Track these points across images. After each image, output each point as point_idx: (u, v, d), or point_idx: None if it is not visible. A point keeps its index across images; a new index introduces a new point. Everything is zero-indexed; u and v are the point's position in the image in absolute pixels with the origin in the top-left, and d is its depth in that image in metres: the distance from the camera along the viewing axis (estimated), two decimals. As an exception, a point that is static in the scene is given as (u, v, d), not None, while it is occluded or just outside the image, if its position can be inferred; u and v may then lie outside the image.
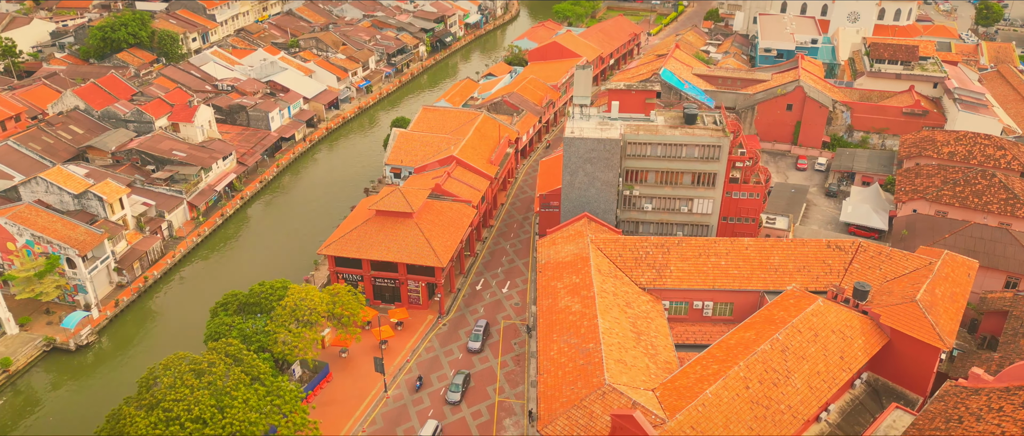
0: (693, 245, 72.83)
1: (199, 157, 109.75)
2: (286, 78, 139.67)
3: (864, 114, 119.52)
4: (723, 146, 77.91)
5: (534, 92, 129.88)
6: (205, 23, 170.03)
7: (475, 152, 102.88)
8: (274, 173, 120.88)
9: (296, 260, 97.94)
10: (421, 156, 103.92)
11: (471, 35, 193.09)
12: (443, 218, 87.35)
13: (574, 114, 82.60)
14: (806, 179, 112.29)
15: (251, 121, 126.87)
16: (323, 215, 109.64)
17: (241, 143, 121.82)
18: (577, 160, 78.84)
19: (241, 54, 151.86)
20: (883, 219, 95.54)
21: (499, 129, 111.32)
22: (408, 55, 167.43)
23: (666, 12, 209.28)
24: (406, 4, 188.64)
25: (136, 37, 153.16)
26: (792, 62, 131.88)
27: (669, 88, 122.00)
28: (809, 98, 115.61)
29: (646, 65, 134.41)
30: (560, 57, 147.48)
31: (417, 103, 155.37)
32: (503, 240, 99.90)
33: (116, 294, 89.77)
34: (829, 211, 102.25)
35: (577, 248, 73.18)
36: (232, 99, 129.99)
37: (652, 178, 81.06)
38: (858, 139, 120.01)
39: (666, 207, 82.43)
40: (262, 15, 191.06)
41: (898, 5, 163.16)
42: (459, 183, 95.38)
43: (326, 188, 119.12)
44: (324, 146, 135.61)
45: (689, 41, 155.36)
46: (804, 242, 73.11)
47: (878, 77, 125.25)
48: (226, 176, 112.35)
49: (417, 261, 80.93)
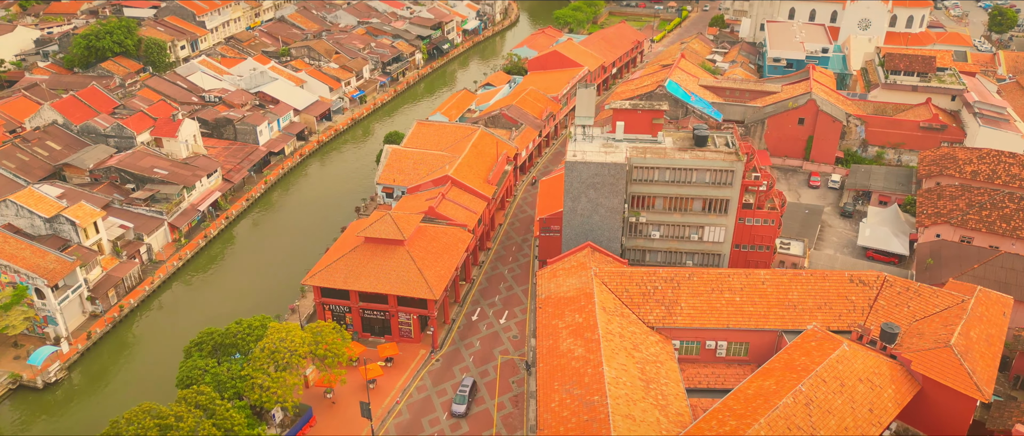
0: (705, 279, 67.51)
1: (182, 175, 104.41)
2: (276, 89, 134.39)
3: (879, 128, 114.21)
4: (736, 171, 72.58)
5: (534, 104, 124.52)
6: (195, 30, 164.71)
7: (471, 171, 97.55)
8: (262, 190, 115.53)
9: (283, 284, 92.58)
10: (414, 175, 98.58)
11: (469, 42, 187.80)
12: (437, 244, 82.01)
13: (576, 135, 77.25)
14: (820, 197, 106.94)
15: (238, 135, 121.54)
16: (312, 236, 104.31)
17: (227, 158, 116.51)
18: (579, 185, 73.51)
19: (230, 63, 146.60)
20: (903, 243, 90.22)
21: (497, 145, 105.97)
22: (404, 63, 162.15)
23: (669, 17, 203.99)
24: (402, 10, 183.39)
25: (121, 46, 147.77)
26: (803, 73, 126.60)
27: (675, 101, 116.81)
28: (822, 112, 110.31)
29: (650, 76, 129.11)
30: (561, 66, 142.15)
31: (413, 113, 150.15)
32: (501, 265, 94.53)
33: (89, 325, 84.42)
34: (845, 234, 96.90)
35: (580, 282, 67.86)
36: (219, 111, 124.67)
37: (660, 204, 75.75)
38: (873, 154, 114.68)
39: (675, 235, 77.10)
40: (254, 21, 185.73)
41: (910, 12, 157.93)
42: (454, 205, 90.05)
43: (316, 206, 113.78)
44: (315, 160, 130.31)
45: (694, 49, 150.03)
46: (825, 276, 67.77)
47: (893, 89, 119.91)
48: (210, 195, 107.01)
49: (408, 293, 75.59)
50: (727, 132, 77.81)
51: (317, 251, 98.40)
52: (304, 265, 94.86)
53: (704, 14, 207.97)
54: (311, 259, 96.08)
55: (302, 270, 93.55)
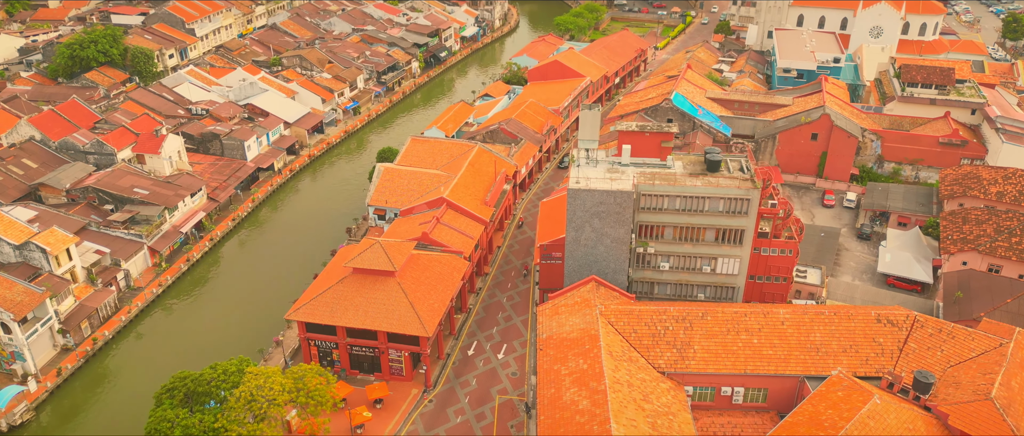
0: (720, 319, 62.24)
1: (163, 195, 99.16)
2: (266, 101, 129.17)
3: (896, 144, 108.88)
4: (752, 199, 67.32)
5: (534, 118, 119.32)
6: (184, 38, 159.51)
7: (468, 192, 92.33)
8: (249, 209, 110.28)
9: (269, 311, 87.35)
10: (408, 196, 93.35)
11: (467, 49, 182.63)
12: (430, 274, 76.76)
13: (579, 159, 71.98)
14: (835, 217, 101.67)
15: (225, 150, 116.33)
16: (302, 258, 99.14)
17: (214, 175, 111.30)
18: (583, 214, 68.25)
19: (219, 73, 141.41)
20: (927, 270, 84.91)
21: (495, 163, 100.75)
22: (400, 72, 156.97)
23: (673, 23, 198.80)
24: (398, 17, 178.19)
25: (106, 55, 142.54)
26: (815, 85, 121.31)
27: (682, 114, 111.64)
28: (836, 127, 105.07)
29: (655, 87, 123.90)
30: (562, 77, 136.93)
31: (409, 124, 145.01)
32: (499, 292, 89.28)
33: (60, 360, 79.20)
34: (863, 258, 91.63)
35: (584, 322, 62.58)
36: (206, 125, 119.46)
37: (669, 234, 70.47)
38: (889, 171, 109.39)
39: (685, 266, 71.82)
40: (246, 28, 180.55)
41: (923, 19, 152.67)
42: (449, 230, 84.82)
43: (306, 225, 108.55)
44: (307, 175, 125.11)
45: (700, 59, 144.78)
46: (850, 314, 62.48)
47: (910, 102, 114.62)
48: (194, 215, 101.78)
49: (399, 330, 70.34)
50: (742, 156, 72.55)
51: (306, 275, 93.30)
52: (292, 290, 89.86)
53: (709, 19, 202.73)
54: (299, 284, 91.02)
55: (290, 295, 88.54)
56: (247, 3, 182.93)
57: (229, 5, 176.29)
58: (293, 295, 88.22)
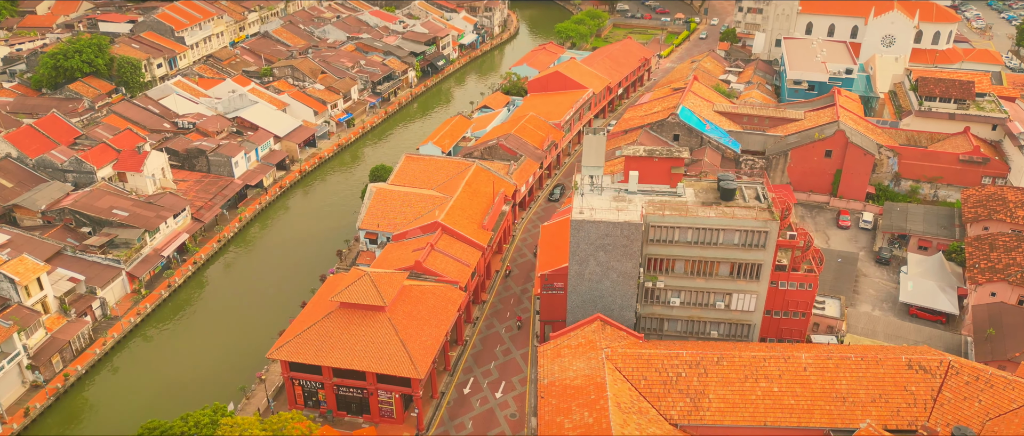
0: (737, 364, 57.23)
1: (144, 217, 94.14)
2: (256, 113, 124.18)
3: (913, 161, 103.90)
4: (771, 231, 62.32)
5: (534, 132, 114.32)
6: (173, 47, 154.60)
7: (464, 215, 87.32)
8: (236, 229, 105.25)
9: (255, 341, 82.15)
10: (401, 219, 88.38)
11: (466, 57, 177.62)
12: (424, 307, 71.72)
13: (583, 187, 66.96)
14: (851, 240, 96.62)
15: (212, 167, 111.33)
16: (290, 282, 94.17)
17: (199, 193, 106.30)
18: (587, 247, 63.26)
19: (208, 84, 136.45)
20: (952, 300, 79.85)
21: (493, 183, 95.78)
22: (395, 82, 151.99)
23: (677, 30, 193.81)
24: (395, 24, 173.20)
25: (91, 65, 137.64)
26: (827, 98, 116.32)
27: (689, 130, 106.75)
28: (851, 144, 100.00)
29: (660, 100, 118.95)
30: (563, 88, 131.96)
31: (405, 136, 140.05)
32: (497, 322, 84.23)
33: (28, 399, 74.11)
34: (884, 286, 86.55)
35: (589, 367, 57.56)
36: (192, 140, 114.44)
37: (681, 267, 65.47)
38: (906, 189, 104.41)
39: (698, 301, 66.80)
40: (238, 36, 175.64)
41: (937, 27, 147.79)
42: (444, 257, 79.79)
43: (296, 247, 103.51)
44: (297, 191, 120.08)
45: (706, 69, 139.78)
46: (877, 358, 57.47)
47: (928, 117, 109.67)
48: (177, 237, 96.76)
49: (389, 371, 65.34)
50: (758, 183, 67.57)
51: (294, 301, 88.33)
52: (279, 318, 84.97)
53: (713, 27, 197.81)
54: (287, 311, 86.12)
55: (276, 324, 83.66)
56: (239, 10, 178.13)
57: (220, 12, 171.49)
58: (280, 324, 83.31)
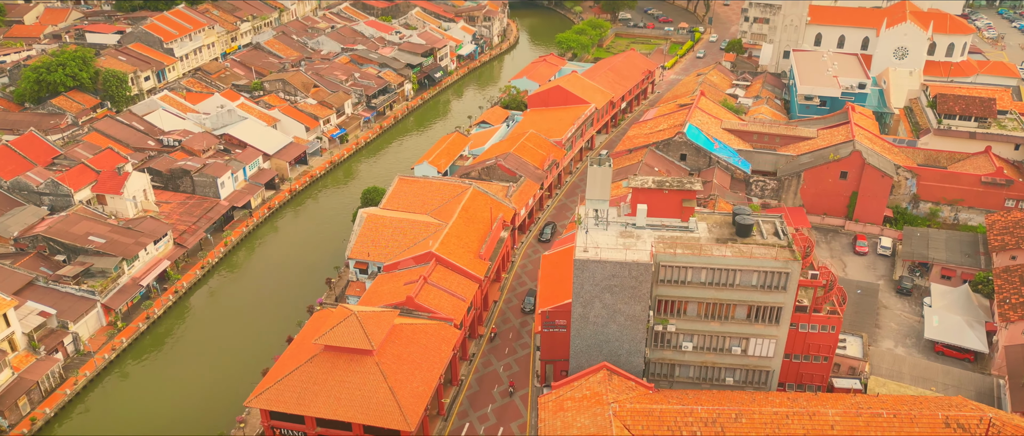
0: (757, 421, 52.11)
1: (122, 244, 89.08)
2: (244, 130, 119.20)
3: (933, 182, 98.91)
4: (792, 273, 57.22)
5: (534, 151, 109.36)
6: (161, 59, 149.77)
7: (460, 243, 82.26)
8: (220, 254, 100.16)
9: (236, 379, 77.12)
10: (393, 247, 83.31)
11: (464, 68, 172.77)
12: (415, 348, 66.61)
13: (587, 221, 61.89)
14: (869, 267, 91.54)
15: (197, 188, 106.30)
16: (277, 313, 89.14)
17: (182, 216, 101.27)
18: (593, 288, 58.19)
19: (196, 99, 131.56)
20: (980, 337, 74.74)
21: (491, 207, 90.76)
22: (391, 96, 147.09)
23: (680, 40, 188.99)
24: (391, 35, 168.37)
25: (75, 79, 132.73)
26: (841, 115, 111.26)
27: (696, 149, 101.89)
28: (868, 165, 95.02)
29: (666, 117, 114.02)
30: (564, 103, 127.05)
31: (400, 152, 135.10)
32: (495, 359, 79.06)
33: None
34: (907, 320, 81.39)
35: (595, 424, 52.43)
36: (176, 159, 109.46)
37: (693, 309, 60.38)
38: (925, 212, 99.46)
39: (712, 346, 61.70)
40: (230, 46, 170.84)
41: (951, 39, 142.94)
42: (438, 291, 74.69)
43: (284, 273, 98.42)
44: (288, 211, 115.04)
45: (713, 83, 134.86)
46: (911, 415, 52.35)
47: (947, 136, 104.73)
48: (157, 264, 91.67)
49: (377, 422, 60.22)
50: (776, 217, 62.54)
51: (280, 335, 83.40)
52: (263, 353, 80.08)
53: (712, 43, 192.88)
54: (272, 345, 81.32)
55: (260, 360, 78.75)
56: (232, 20, 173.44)
57: (212, 23, 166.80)
58: (264, 360, 78.35)
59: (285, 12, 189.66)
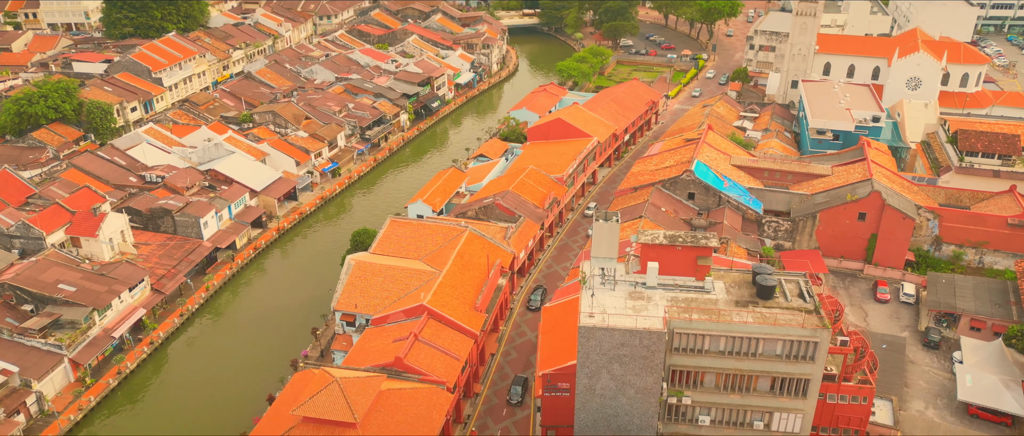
0: (786, 516, 46.14)
1: (93, 293, 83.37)
2: (231, 165, 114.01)
3: (956, 224, 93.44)
4: (821, 342, 51.52)
5: (534, 189, 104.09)
6: (149, 88, 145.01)
7: (454, 294, 76.60)
8: (201, 300, 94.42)
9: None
10: (382, 298, 77.64)
11: (463, 97, 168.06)
12: (404, 417, 60.71)
13: (592, 281, 56.29)
14: (892, 317, 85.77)
15: (178, 228, 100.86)
16: (259, 367, 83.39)
17: (162, 259, 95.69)
18: (600, 358, 52.50)
19: (182, 131, 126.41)
20: (1018, 399, 68.79)
21: (488, 252, 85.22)
22: (386, 127, 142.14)
23: (684, 67, 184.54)
24: (386, 63, 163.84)
25: (58, 111, 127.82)
26: (856, 151, 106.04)
27: (705, 188, 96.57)
28: (888, 206, 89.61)
29: (672, 152, 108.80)
30: (565, 136, 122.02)
31: (395, 186, 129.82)
32: (492, 421, 73.09)
33: (-64, 524, 62.94)
34: (936, 377, 75.49)
35: (602, 518, 46.42)
36: (158, 197, 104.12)
37: (711, 380, 54.65)
38: (948, 255, 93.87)
39: (732, 420, 55.85)
40: (222, 75, 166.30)
41: (965, 69, 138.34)
42: (430, 350, 68.91)
43: (269, 319, 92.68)
44: (275, 250, 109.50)
45: (720, 114, 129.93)
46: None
47: (969, 174, 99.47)
48: (132, 313, 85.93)
49: (359, 506, 54.22)
50: (800, 276, 56.93)
51: (262, 392, 77.62)
52: (243, 414, 74.29)
53: (722, 63, 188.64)
54: (253, 404, 75.77)
55: (239, 423, 72.95)
56: (224, 48, 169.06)
57: (203, 51, 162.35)
58: (243, 423, 72.69)
59: (279, 39, 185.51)
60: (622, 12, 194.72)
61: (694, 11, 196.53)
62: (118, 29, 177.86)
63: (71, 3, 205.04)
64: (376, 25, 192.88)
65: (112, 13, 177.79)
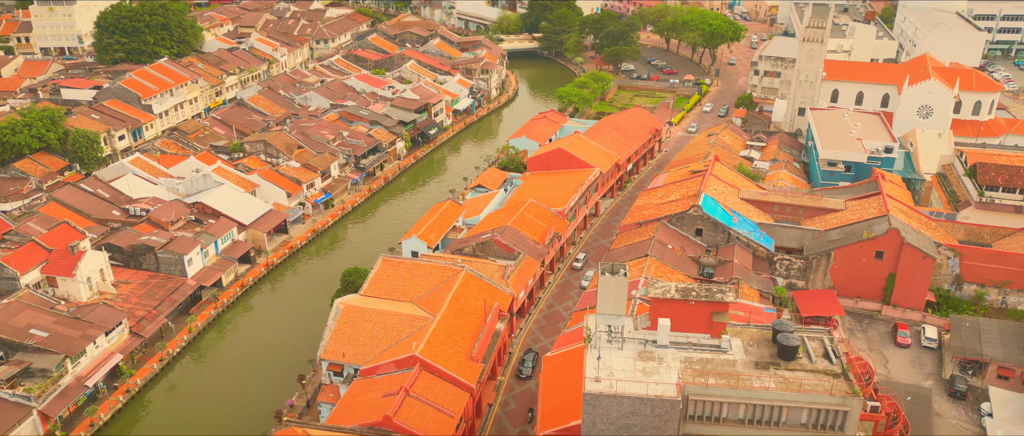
0: None
1: (66, 338, 78.57)
2: (219, 198, 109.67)
3: (977, 262, 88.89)
4: (851, 411, 46.74)
5: (534, 224, 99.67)
6: (138, 116, 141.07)
7: (449, 342, 71.83)
8: (183, 343, 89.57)
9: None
10: (372, 346, 72.85)
11: (461, 123, 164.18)
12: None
13: (598, 339, 51.60)
14: (914, 362, 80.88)
15: (161, 265, 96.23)
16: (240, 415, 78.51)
17: (142, 299, 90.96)
18: (607, 427, 47.76)
19: (170, 161, 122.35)
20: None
21: (485, 296, 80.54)
22: (382, 155, 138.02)
23: (687, 93, 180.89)
24: (383, 90, 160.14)
25: (42, 140, 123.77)
26: (870, 184, 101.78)
27: (714, 224, 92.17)
28: (907, 244, 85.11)
29: (678, 185, 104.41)
30: (566, 166, 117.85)
31: (390, 216, 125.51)
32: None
33: None
34: (964, 431, 70.46)
35: None
36: (141, 233, 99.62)
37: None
38: (970, 295, 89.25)
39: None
40: (215, 101, 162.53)
41: (977, 97, 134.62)
42: (422, 406, 64.02)
43: (254, 363, 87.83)
44: (264, 286, 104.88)
45: (726, 143, 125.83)
46: None
47: (989, 209, 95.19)
48: (109, 359, 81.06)
49: None
50: (824, 333, 52.26)
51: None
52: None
53: (726, 89, 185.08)
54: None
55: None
56: (217, 73, 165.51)
57: (196, 77, 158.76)
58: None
59: (274, 64, 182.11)
60: (623, 36, 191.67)
61: (696, 36, 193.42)
62: (109, 54, 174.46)
63: (64, 27, 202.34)
64: (373, 50, 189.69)
65: (103, 38, 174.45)
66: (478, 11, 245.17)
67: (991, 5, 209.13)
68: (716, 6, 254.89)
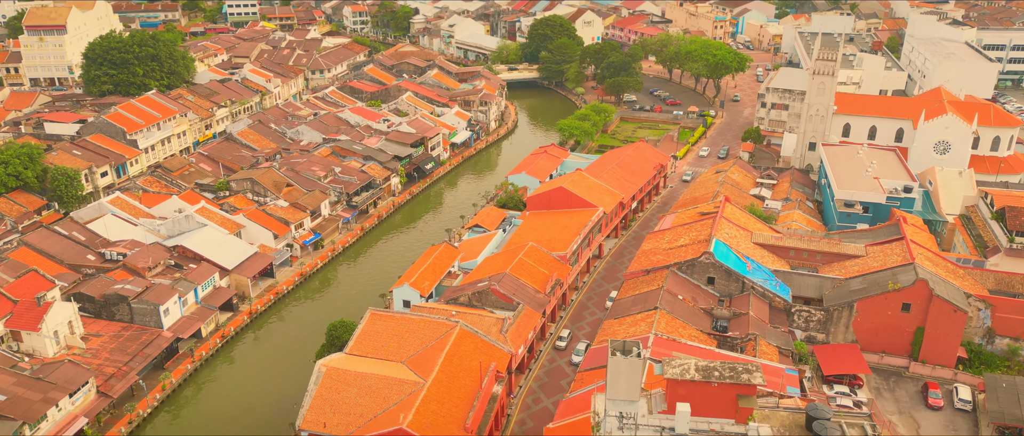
0: None
1: (25, 402, 72.13)
2: (200, 241, 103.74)
3: (1010, 314, 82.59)
4: (902, 518, 40.20)
5: (534, 270, 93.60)
6: (123, 151, 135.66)
7: (441, 410, 65.38)
8: (155, 402, 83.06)
9: None
10: (356, 414, 66.39)
11: (458, 157, 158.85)
12: None
13: (608, 426, 45.25)
14: (948, 426, 74.33)
15: (135, 316, 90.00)
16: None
17: (113, 353, 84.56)
18: (617, 534, 41.14)
19: (152, 200, 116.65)
20: None
21: (481, 355, 74.18)
22: (375, 192, 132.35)
23: (692, 125, 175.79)
24: (378, 123, 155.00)
25: (19, 178, 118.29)
26: (890, 227, 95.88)
27: (726, 272, 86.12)
28: (937, 297, 78.92)
29: (686, 228, 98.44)
30: (568, 205, 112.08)
31: (383, 257, 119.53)
32: None
33: None
34: (1012, 512, 63.80)
35: None
36: (115, 280, 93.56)
37: None
38: (1003, 349, 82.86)
39: None
40: (204, 134, 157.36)
41: (996, 132, 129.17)
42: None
43: (231, 429, 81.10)
44: (247, 335, 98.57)
45: (735, 182, 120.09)
46: None
47: (1021, 256, 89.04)
48: (72, 423, 74.51)
49: None
50: (865, 417, 45.97)
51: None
52: None
53: (731, 121, 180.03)
54: None
55: None
56: (207, 106, 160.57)
57: (185, 110, 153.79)
58: None
59: (267, 96, 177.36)
60: (625, 67, 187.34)
61: (700, 66, 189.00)
62: (97, 86, 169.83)
63: (54, 58, 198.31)
64: (369, 81, 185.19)
65: (91, 70, 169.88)
66: (477, 40, 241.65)
67: (1000, 35, 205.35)
68: (719, 35, 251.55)
